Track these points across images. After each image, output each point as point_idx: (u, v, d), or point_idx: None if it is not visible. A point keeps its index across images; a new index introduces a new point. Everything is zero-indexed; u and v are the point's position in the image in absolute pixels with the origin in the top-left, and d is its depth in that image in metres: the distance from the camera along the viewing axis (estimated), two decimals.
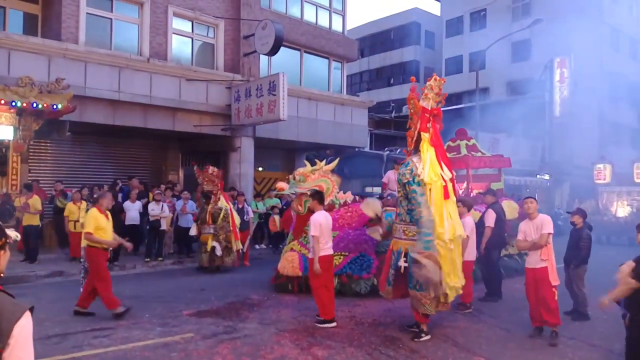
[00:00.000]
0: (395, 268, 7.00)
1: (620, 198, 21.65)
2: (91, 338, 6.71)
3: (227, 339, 6.74)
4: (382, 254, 9.33)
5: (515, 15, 33.57)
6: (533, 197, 7.41)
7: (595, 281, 7.62)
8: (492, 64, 32.68)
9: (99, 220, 7.81)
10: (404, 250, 6.92)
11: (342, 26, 21.37)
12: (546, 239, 6.88)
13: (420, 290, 6.72)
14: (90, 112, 13.96)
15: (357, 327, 7.39)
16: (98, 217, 7.83)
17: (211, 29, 17.30)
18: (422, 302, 6.73)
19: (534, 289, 7.01)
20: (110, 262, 10.73)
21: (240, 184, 16.90)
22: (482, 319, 8.04)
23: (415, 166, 6.87)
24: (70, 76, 13.01)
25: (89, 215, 7.88)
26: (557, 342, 6.80)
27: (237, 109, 16.33)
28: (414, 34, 40.31)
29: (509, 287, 10.00)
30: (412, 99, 7.09)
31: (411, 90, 7.23)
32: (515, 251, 12.17)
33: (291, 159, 21.57)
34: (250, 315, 8.07)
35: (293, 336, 6.91)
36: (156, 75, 15.00)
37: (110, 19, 14.98)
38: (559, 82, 28.10)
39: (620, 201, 21.54)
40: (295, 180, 9.95)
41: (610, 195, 21.93)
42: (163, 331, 7.09)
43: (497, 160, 14.27)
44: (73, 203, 12.85)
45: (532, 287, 7.05)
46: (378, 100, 32.37)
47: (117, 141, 16.67)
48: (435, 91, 7.00)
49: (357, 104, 21.31)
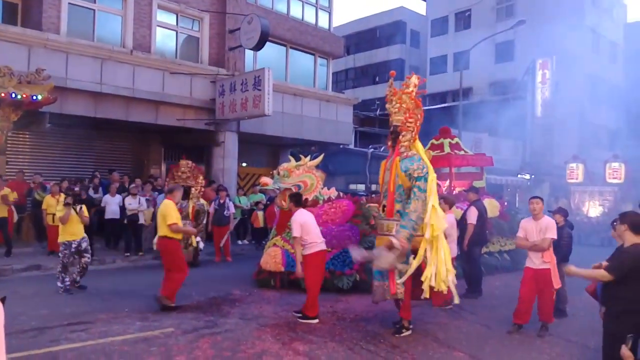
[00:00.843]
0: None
1: (592, 198, 21.69)
2: (69, 332, 6.62)
3: (207, 333, 6.70)
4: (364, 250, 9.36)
5: (500, 17, 33.84)
6: (540, 197, 7.37)
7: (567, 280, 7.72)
8: (476, 64, 32.92)
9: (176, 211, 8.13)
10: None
11: (329, 23, 21.35)
12: (549, 244, 6.94)
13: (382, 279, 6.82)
14: (71, 103, 13.76)
15: (338, 323, 7.40)
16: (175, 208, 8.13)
17: (196, 22, 17.16)
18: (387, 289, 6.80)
19: (532, 288, 7.05)
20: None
21: (224, 179, 16.81)
22: (463, 315, 8.09)
23: (424, 162, 6.90)
24: (51, 67, 12.81)
25: (170, 207, 8.00)
26: (545, 334, 6.99)
27: (222, 104, 16.22)
28: (400, 32, 40.44)
29: (489, 285, 10.11)
30: (405, 93, 7.07)
31: (391, 85, 7.25)
32: (496, 249, 12.32)
33: (275, 154, 21.50)
34: (231, 310, 8.03)
35: (274, 331, 6.89)
36: (139, 68, 14.84)
37: (93, 10, 14.78)
38: (541, 83, 28.41)
39: (592, 201, 21.58)
40: (280, 176, 9.92)
41: (583, 194, 21.94)
42: (143, 325, 7.02)
43: (479, 158, 14.39)
44: (51, 196, 12.65)
45: (528, 286, 7.07)
46: (363, 97, 32.44)
47: (98, 134, 16.46)
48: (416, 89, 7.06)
49: (342, 100, 21.31)
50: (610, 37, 34.52)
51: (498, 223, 12.40)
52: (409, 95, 7.04)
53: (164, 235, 7.99)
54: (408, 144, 7.11)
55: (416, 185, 6.77)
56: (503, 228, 12.53)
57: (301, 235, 7.38)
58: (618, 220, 4.91)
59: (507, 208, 13.67)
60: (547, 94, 28.07)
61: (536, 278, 7.00)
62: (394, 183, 7.01)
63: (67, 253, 9.11)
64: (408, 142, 7.11)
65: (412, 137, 7.11)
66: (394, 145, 7.18)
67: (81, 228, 9.24)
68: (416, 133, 7.16)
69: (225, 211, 13.51)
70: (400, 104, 7.10)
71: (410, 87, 7.05)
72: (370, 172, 23.51)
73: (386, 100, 7.35)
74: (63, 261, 9.12)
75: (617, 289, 4.63)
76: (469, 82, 31.69)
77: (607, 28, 33.82)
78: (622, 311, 4.59)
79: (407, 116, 7.07)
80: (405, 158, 7.00)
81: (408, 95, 7.05)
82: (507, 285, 10.37)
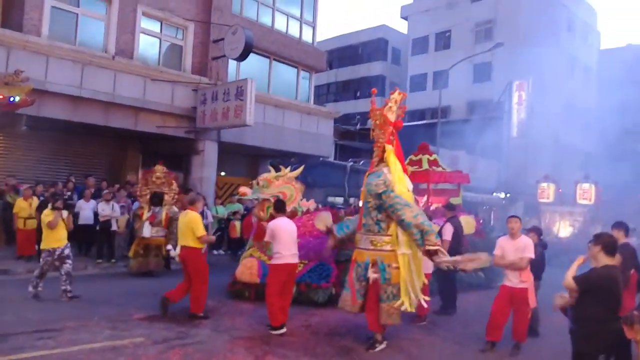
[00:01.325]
0: (365, 279, 6.92)
1: (562, 218, 21.47)
2: (35, 340, 6.46)
3: (178, 344, 6.61)
4: (341, 263, 9.37)
5: (478, 38, 34.46)
6: (518, 217, 7.46)
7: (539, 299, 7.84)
8: (454, 84, 33.44)
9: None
10: (371, 261, 6.90)
11: (312, 37, 21.47)
12: (526, 263, 7.00)
13: (391, 300, 6.75)
14: (49, 107, 13.56)
15: (312, 337, 7.37)
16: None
17: (180, 31, 17.11)
18: (391, 312, 6.76)
19: (505, 305, 7.09)
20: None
21: (202, 187, 16.68)
22: (436, 332, 8.13)
23: (387, 177, 6.93)
24: (31, 69, 12.59)
25: (197, 218, 8.14)
26: (517, 354, 7.04)
27: (203, 112, 16.16)
28: (382, 49, 40.97)
29: (463, 301, 10.15)
30: (378, 110, 7.19)
31: (372, 102, 7.34)
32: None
33: (255, 165, 21.44)
34: (203, 321, 7.93)
35: (247, 344, 6.83)
36: (120, 74, 14.71)
37: (76, 14, 14.64)
38: (517, 104, 28.94)
39: (562, 221, 21.34)
40: (259, 186, 9.90)
41: (553, 214, 21.69)
42: (112, 334, 6.90)
43: (456, 175, 14.54)
44: (24, 199, 12.43)
45: (503, 303, 7.11)
46: (344, 112, 32.66)
47: (76, 138, 16.24)
48: (397, 105, 7.15)
49: (323, 113, 21.40)
50: (585, 62, 35.36)
51: (473, 240, 12.49)
52: (381, 112, 7.16)
53: (190, 246, 8.06)
54: (377, 159, 7.25)
55: (389, 198, 6.81)
56: (478, 245, 12.59)
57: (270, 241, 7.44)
58: (592, 241, 4.99)
59: (482, 226, 13.80)
60: (523, 115, 28.56)
61: (512, 297, 7.06)
62: (362, 197, 7.22)
63: (50, 260, 8.89)
64: (377, 157, 7.24)
65: (377, 152, 7.23)
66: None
67: (65, 234, 9.10)
68: (381, 148, 7.17)
69: (203, 220, 13.34)
70: (375, 120, 7.25)
71: (390, 103, 7.15)
72: (349, 185, 23.55)
73: (368, 117, 7.49)
74: (43, 268, 8.90)
75: (586, 309, 4.70)
76: (448, 100, 32.16)
77: (582, 53, 34.69)
78: (591, 332, 4.66)
79: (380, 132, 7.20)
80: (371, 173, 7.17)
81: (380, 112, 7.17)
82: (482, 302, 10.39)
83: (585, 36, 35.79)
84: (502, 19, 33.36)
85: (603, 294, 4.59)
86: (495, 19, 33.92)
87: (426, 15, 38.18)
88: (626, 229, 7.25)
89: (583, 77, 35.39)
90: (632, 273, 6.82)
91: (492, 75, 33.31)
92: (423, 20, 38.18)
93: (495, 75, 32.95)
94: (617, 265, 4.84)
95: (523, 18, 30.99)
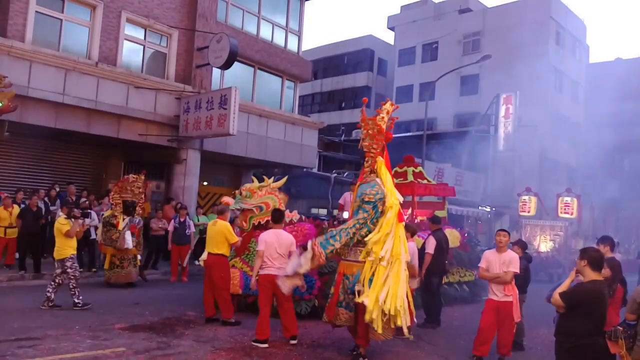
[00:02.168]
0: (353, 292, 6.72)
1: (543, 232, 21.23)
2: (15, 348, 6.36)
3: (160, 355, 6.50)
4: (324, 275, 9.28)
5: (466, 50, 34.67)
6: (507, 231, 7.50)
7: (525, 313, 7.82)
8: (441, 96, 33.57)
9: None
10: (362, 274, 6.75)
11: (298, 46, 21.46)
12: (511, 277, 7.01)
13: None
14: (32, 113, 13.36)
15: (295, 349, 7.26)
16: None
17: (164, 38, 17.00)
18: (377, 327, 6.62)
19: (492, 319, 7.07)
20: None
21: (184, 197, 16.52)
22: (421, 346, 8.06)
23: (381, 188, 6.89)
24: (13, 75, 12.42)
25: (229, 226, 8.76)
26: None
27: (186, 121, 16.03)
28: (367, 60, 41.00)
29: (448, 315, 10.12)
30: (370, 119, 7.12)
31: (363, 112, 7.28)
32: (456, 279, 12.38)
33: (238, 175, 21.30)
34: (185, 331, 7.82)
35: (229, 355, 6.72)
36: (103, 80, 14.55)
37: (60, 20, 14.48)
38: (504, 118, 28.99)
39: (543, 235, 21.10)
40: (242, 196, 9.77)
41: (534, 228, 21.43)
42: (93, 344, 6.79)
43: (442, 188, 14.54)
44: (4, 208, 12.18)
45: (489, 317, 7.10)
46: (329, 122, 32.59)
47: (58, 145, 16.01)
48: (389, 115, 7.11)
49: (308, 124, 21.34)
50: (573, 76, 35.60)
51: (458, 254, 12.49)
52: (374, 122, 7.10)
53: (220, 253, 8.56)
54: (369, 170, 7.17)
55: (362, 207, 6.83)
56: (463, 259, 12.64)
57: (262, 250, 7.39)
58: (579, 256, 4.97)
59: (467, 239, 13.80)
60: (510, 128, 28.67)
61: (497, 310, 7.04)
62: (352, 208, 7.09)
63: (77, 266, 9.14)
64: (369, 168, 7.17)
65: (371, 162, 7.15)
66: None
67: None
68: (375, 159, 7.14)
69: (186, 230, 13.25)
70: (367, 130, 7.16)
71: (382, 113, 7.10)
72: (333, 197, 23.51)
73: (358, 126, 7.41)
74: (75, 275, 9.05)
75: (569, 324, 4.68)
76: (434, 112, 32.23)
77: (570, 67, 34.91)
78: (572, 347, 4.63)
79: (372, 142, 7.12)
80: (363, 183, 7.09)
81: (373, 122, 7.10)
82: (466, 316, 10.43)
83: (574, 50, 36.12)
84: (490, 31, 33.60)
85: (588, 308, 4.57)
86: (483, 31, 34.16)
87: (413, 26, 38.39)
88: (611, 243, 7.25)
89: (570, 91, 35.66)
90: (618, 288, 6.81)
91: (480, 88, 33.49)
92: (410, 31, 38.36)
93: (482, 88, 33.10)
94: (604, 280, 4.83)
95: (511, 30, 31.30)
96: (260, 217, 9.57)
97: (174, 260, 13.12)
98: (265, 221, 9.34)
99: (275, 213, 7.98)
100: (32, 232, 12.06)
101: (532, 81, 28.87)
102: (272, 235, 7.52)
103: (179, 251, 13.08)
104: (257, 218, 9.58)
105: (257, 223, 9.48)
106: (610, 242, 7.23)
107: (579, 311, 4.58)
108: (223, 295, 8.49)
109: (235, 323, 8.36)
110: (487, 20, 34.06)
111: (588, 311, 4.56)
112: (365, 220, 6.80)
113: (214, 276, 8.47)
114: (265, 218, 9.40)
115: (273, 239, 7.43)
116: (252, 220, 9.50)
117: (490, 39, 32.95)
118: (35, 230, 12.16)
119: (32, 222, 12.05)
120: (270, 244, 7.37)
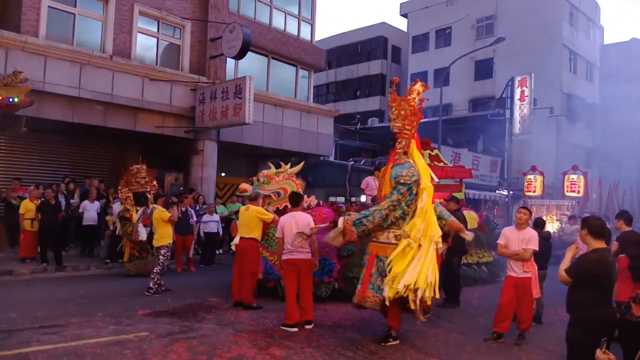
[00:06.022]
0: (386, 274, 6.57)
1: (549, 212, 20.39)
2: (40, 334, 6.48)
3: (183, 338, 6.58)
4: (344, 258, 9.31)
5: (479, 34, 34.33)
6: (528, 208, 7.50)
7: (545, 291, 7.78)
8: (455, 81, 33.33)
9: None
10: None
11: (311, 35, 21.41)
12: (530, 254, 6.99)
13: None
14: (48, 108, 13.52)
15: (316, 329, 7.31)
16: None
17: (177, 30, 17.07)
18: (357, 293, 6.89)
19: (512, 296, 7.05)
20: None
21: (202, 187, 16.64)
22: (440, 324, 8.07)
23: (416, 170, 6.81)
24: (29, 70, 12.59)
25: (262, 210, 8.79)
26: (522, 343, 7.01)
27: (202, 111, 16.11)
28: (381, 48, 40.74)
29: (466, 295, 10.12)
30: (403, 99, 7.03)
31: (393, 92, 7.19)
32: (474, 260, 12.35)
33: (255, 165, 21.36)
34: (207, 316, 7.92)
35: (251, 337, 6.79)
36: (118, 74, 14.66)
37: (73, 14, 14.61)
38: (519, 100, 28.60)
39: (549, 215, 20.05)
40: (259, 182, 9.83)
41: (540, 208, 20.57)
42: (116, 329, 6.89)
43: (459, 170, 14.43)
44: (30, 200, 12.35)
45: (509, 293, 7.08)
46: (344, 112, 32.51)
47: (75, 139, 16.21)
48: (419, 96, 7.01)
49: (323, 112, 21.31)
50: (587, 57, 35.18)
51: (476, 235, 12.38)
52: (407, 102, 6.99)
53: (253, 237, 8.58)
54: (402, 151, 7.06)
55: (397, 188, 6.73)
56: (481, 240, 12.57)
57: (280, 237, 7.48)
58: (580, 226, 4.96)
59: (485, 221, 13.73)
60: (526, 111, 28.32)
61: (517, 286, 7.02)
62: (385, 190, 7.00)
63: (169, 255, 9.76)
64: (402, 149, 7.06)
65: (406, 143, 7.04)
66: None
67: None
68: (410, 140, 7.05)
69: (189, 219, 13.16)
70: (399, 110, 7.07)
71: (413, 94, 7.02)
72: (351, 184, 23.46)
73: (387, 106, 7.33)
74: (164, 263, 9.58)
75: (575, 296, 4.66)
76: (449, 98, 32.02)
77: (584, 48, 34.48)
78: (580, 318, 4.61)
79: (404, 123, 7.04)
80: (397, 165, 6.96)
81: (407, 102, 7.00)
82: (485, 296, 10.41)
83: (588, 31, 35.59)
84: (503, 14, 33.15)
85: (593, 278, 4.54)
86: (496, 14, 33.75)
87: (426, 12, 38.01)
88: (627, 218, 7.15)
89: (585, 72, 35.19)
90: (622, 257, 6.69)
91: (494, 72, 33.17)
92: (423, 17, 38.01)
93: (497, 72, 32.79)
94: (607, 247, 4.79)
95: (524, 13, 30.85)
96: (279, 202, 9.63)
97: (178, 250, 12.84)
98: (283, 207, 9.38)
99: (293, 196, 8.00)
100: (51, 226, 11.96)
101: (546, 63, 28.42)
102: (289, 217, 7.55)
103: (182, 241, 12.86)
104: (275, 204, 9.63)
105: (275, 209, 9.52)
106: (625, 217, 7.14)
107: (587, 282, 4.55)
108: (250, 279, 8.54)
109: (257, 307, 8.43)
110: (500, 4, 33.59)
111: (594, 281, 4.53)
112: (399, 202, 6.71)
113: (247, 260, 8.50)
114: (283, 204, 9.46)
115: (290, 221, 7.45)
116: (270, 206, 9.54)
117: (504, 22, 32.56)
118: (54, 224, 12.05)
119: (50, 215, 11.97)
120: (287, 228, 7.40)
